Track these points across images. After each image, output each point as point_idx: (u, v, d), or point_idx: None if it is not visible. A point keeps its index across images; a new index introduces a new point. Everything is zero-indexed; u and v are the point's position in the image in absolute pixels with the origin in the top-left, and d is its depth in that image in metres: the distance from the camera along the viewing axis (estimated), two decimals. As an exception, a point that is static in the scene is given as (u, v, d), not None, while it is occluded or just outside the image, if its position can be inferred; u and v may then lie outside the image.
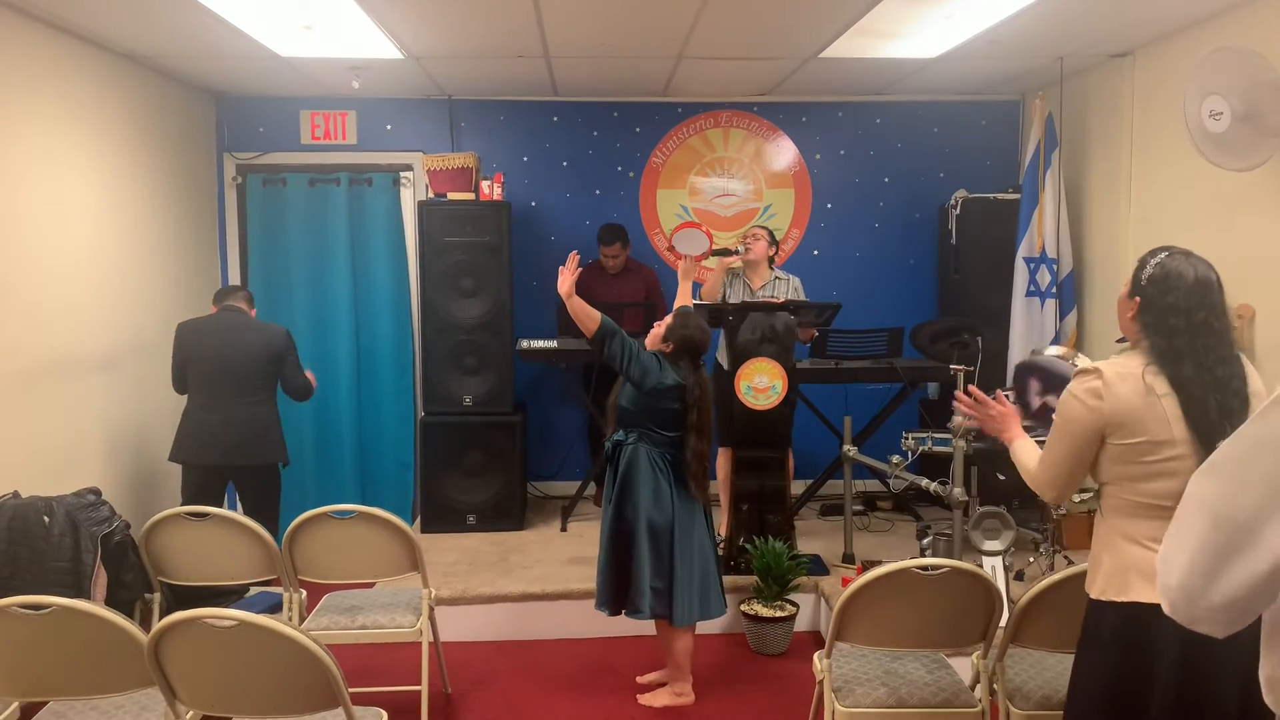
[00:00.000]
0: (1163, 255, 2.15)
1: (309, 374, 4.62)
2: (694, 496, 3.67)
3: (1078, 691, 2.27)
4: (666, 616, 3.63)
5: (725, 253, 4.93)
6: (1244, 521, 1.26)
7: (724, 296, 4.93)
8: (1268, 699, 1.37)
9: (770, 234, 5.05)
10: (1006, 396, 2.77)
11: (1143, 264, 2.17)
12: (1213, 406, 2.04)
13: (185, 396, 4.47)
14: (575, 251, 3.83)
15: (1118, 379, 2.13)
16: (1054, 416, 2.27)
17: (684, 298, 4.15)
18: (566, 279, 3.70)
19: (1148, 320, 2.13)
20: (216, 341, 4.40)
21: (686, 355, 3.67)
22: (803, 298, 4.97)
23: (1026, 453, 2.41)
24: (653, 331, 3.74)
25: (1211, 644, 1.41)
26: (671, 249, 4.45)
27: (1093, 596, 2.23)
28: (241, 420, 4.39)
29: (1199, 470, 1.36)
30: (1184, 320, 2.08)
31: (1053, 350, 4.41)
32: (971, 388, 2.64)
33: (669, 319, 3.75)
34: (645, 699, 3.80)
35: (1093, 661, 2.22)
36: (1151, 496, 2.12)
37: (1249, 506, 1.26)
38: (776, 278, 5.02)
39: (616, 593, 3.68)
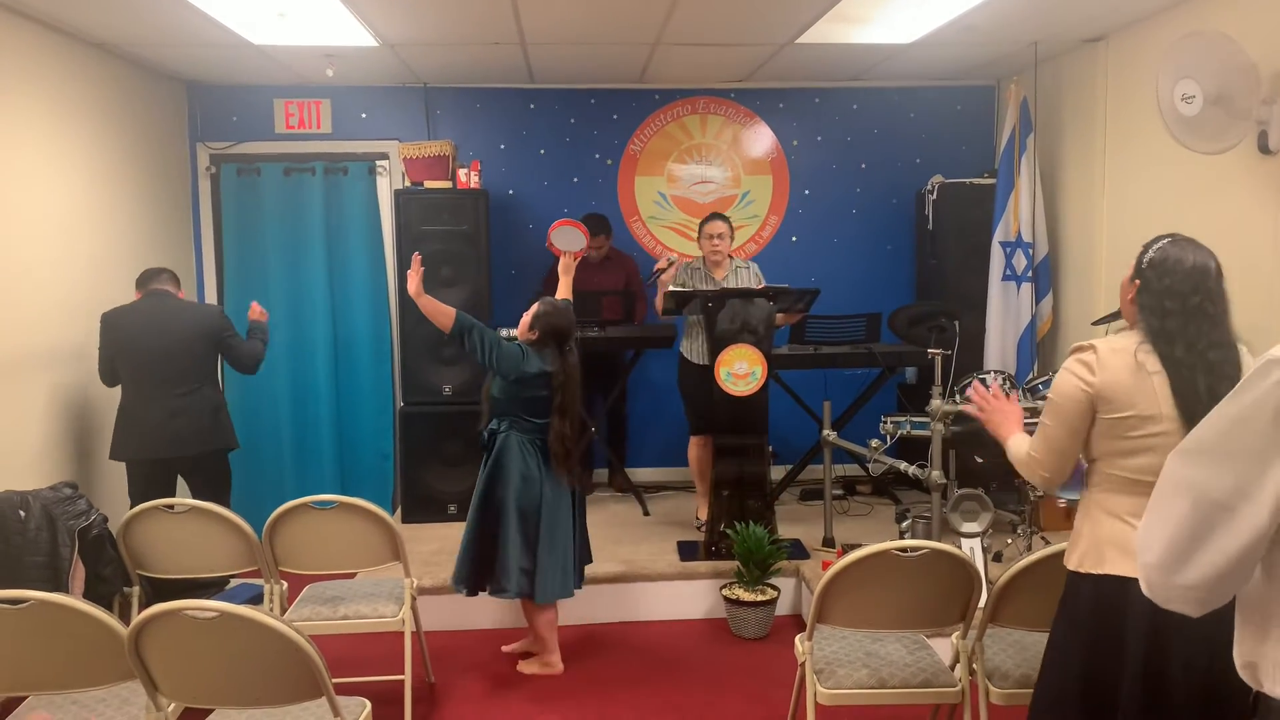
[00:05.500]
0: (1164, 241, 2.20)
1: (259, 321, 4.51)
2: (559, 479, 3.78)
3: (1052, 660, 2.31)
4: (530, 595, 3.76)
5: (658, 272, 4.93)
6: (1220, 500, 1.28)
7: (681, 286, 4.89)
8: (1244, 675, 1.39)
9: (728, 224, 5.02)
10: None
11: (1145, 249, 2.22)
12: (1202, 388, 2.07)
13: (119, 390, 4.28)
14: (418, 254, 3.94)
15: (1110, 353, 2.18)
16: (1048, 394, 2.30)
17: (565, 292, 4.22)
18: (414, 279, 3.80)
19: (1144, 302, 2.18)
20: (148, 329, 4.19)
21: (553, 341, 3.77)
22: (763, 283, 4.98)
23: (1019, 444, 2.42)
24: (521, 321, 3.84)
25: (1177, 619, 1.44)
26: (550, 245, 4.49)
27: (1070, 568, 2.27)
28: (184, 409, 4.21)
29: (1176, 450, 1.37)
30: (1179, 304, 2.12)
31: None
32: (994, 385, 2.63)
33: (535, 307, 3.83)
34: (522, 666, 3.97)
35: (1066, 632, 2.27)
36: (1134, 472, 2.15)
37: (1226, 485, 1.28)
38: (738, 267, 5.02)
39: (476, 573, 3.80)
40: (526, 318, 3.82)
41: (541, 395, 3.75)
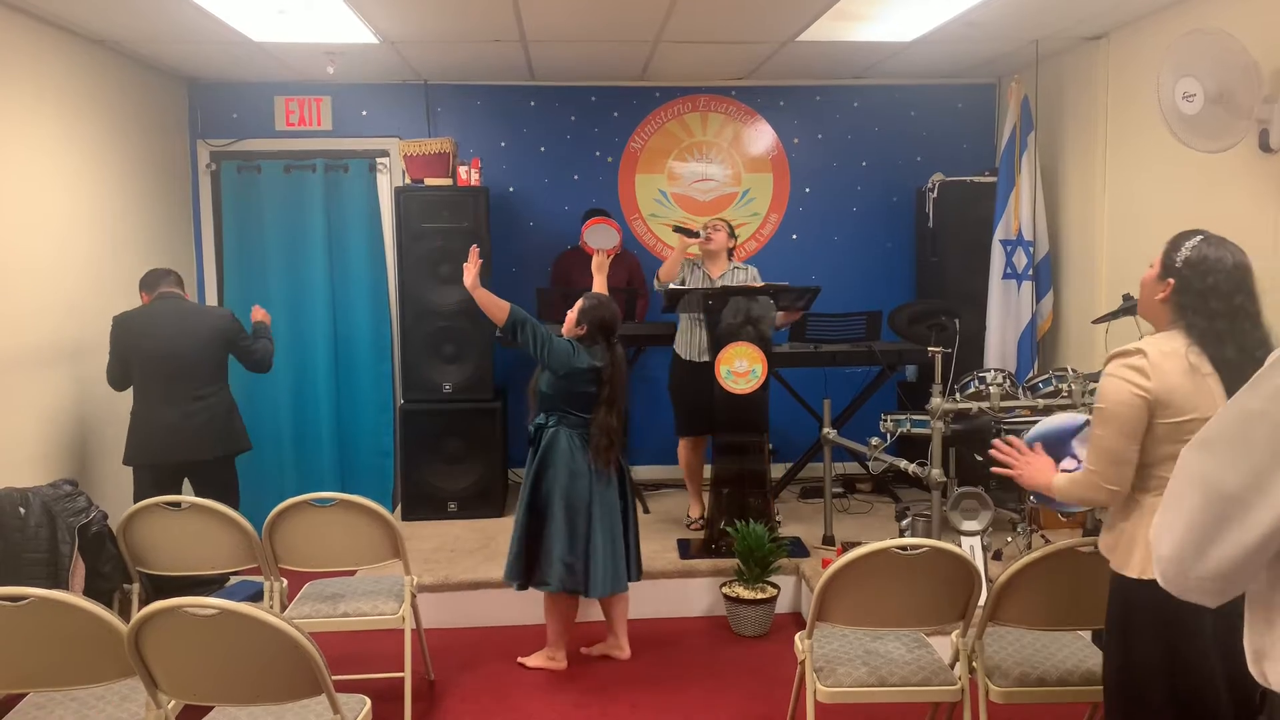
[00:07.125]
0: (1197, 240, 2.14)
1: (261, 315, 4.55)
2: (597, 468, 3.77)
3: (1133, 675, 2.17)
4: (579, 591, 3.78)
5: (688, 233, 4.88)
6: (1235, 493, 1.27)
7: (681, 283, 4.90)
8: (1253, 670, 1.38)
9: (730, 227, 5.04)
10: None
11: (1175, 246, 2.15)
12: None
13: (130, 394, 4.28)
14: (475, 245, 3.93)
15: (1162, 357, 2.10)
16: (1096, 404, 2.20)
17: (600, 290, 4.22)
18: (470, 272, 3.80)
19: (1185, 302, 2.11)
20: (161, 333, 4.19)
21: (601, 335, 3.79)
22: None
23: (1062, 481, 2.33)
24: (567, 318, 3.84)
25: (1237, 615, 1.40)
26: (584, 244, 4.51)
27: (1132, 576, 2.16)
28: (198, 413, 4.23)
29: (1191, 443, 1.36)
30: (1224, 304, 2.08)
31: (1057, 418, 3.29)
32: (1010, 437, 2.52)
33: (580, 303, 3.84)
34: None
35: (1141, 642, 2.14)
36: None
37: (1240, 479, 1.27)
38: (735, 268, 5.01)
39: (527, 568, 3.81)
40: (573, 314, 3.82)
41: (590, 391, 3.77)
